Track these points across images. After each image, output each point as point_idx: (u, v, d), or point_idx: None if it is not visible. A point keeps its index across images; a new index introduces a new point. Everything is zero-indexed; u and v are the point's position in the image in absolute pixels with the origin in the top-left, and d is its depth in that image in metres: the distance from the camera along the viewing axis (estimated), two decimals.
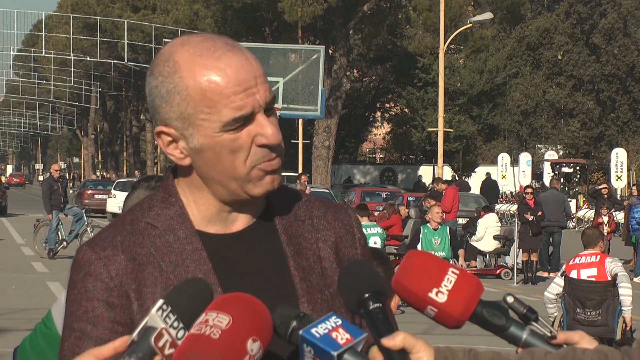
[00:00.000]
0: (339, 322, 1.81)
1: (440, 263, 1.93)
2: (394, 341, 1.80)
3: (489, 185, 38.87)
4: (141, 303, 1.98)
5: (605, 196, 26.70)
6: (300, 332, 1.80)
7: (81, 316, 1.98)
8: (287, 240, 2.07)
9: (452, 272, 1.91)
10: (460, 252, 18.31)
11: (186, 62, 1.97)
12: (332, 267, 2.09)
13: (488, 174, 42.00)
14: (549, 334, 1.95)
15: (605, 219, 25.25)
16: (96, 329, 1.97)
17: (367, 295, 1.84)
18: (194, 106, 1.97)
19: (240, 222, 2.07)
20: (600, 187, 26.31)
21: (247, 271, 2.04)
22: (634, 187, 28.20)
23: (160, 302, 1.78)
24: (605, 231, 24.50)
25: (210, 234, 2.05)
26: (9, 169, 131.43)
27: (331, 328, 1.79)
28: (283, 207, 2.11)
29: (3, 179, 66.02)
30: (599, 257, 10.82)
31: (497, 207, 39.43)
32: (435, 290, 1.89)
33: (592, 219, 38.92)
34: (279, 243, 2.07)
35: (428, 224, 18.22)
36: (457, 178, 43.78)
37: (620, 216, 36.73)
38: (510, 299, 1.94)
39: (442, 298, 1.88)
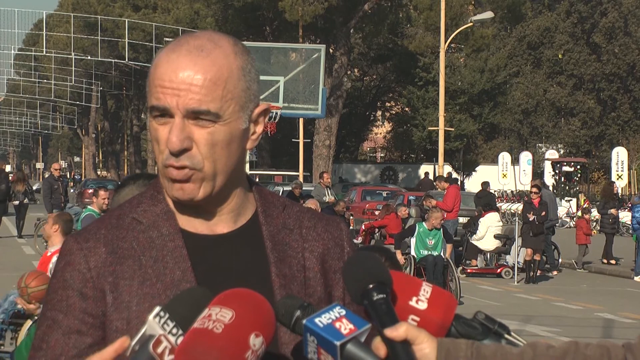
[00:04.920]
0: (343, 312, 1.82)
1: (413, 278, 1.98)
2: (397, 332, 1.81)
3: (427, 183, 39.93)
4: (117, 295, 2.00)
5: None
6: (304, 321, 1.81)
7: (55, 305, 2.01)
8: (271, 246, 2.09)
9: (426, 285, 1.96)
10: (449, 246, 18.18)
11: (163, 49, 2.07)
12: (315, 277, 2.10)
13: (427, 174, 43.57)
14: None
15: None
16: (67, 318, 1.99)
17: (371, 286, 1.85)
18: (148, 85, 2.07)
19: (223, 224, 2.09)
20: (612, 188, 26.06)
21: (227, 273, 2.05)
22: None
23: (157, 309, 1.79)
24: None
25: (194, 234, 2.07)
26: (7, 168, 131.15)
27: (335, 318, 1.80)
28: (272, 215, 2.13)
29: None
30: None
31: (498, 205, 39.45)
32: (415, 298, 1.92)
33: (592, 218, 38.95)
34: (263, 249, 2.09)
35: (424, 223, 18.11)
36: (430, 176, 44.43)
37: (621, 215, 36.73)
38: (481, 316, 1.98)
39: (422, 305, 1.91)
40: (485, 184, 27.77)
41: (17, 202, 28.49)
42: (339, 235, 2.17)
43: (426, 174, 45.59)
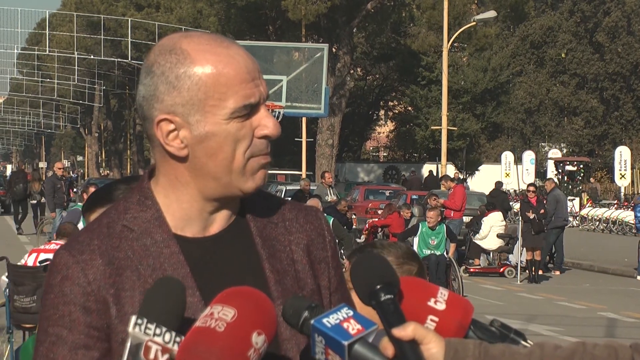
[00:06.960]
0: (351, 312, 1.83)
1: (430, 284, 2.00)
2: (404, 332, 1.80)
3: (415, 180, 40.53)
4: (120, 307, 1.97)
5: None
6: (312, 321, 1.82)
7: (57, 320, 1.97)
8: (261, 242, 2.08)
9: (443, 289, 1.97)
10: (452, 245, 18.17)
11: (195, 50, 2.00)
12: (304, 270, 2.10)
13: (413, 172, 44.75)
14: None
15: None
16: (72, 334, 1.96)
17: (378, 286, 1.85)
18: (205, 91, 1.98)
19: (216, 224, 2.08)
20: None
21: (224, 274, 2.04)
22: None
23: (134, 318, 1.78)
24: None
25: (186, 238, 2.05)
26: (9, 168, 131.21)
27: (342, 318, 1.81)
28: (256, 209, 2.12)
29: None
30: None
31: None
32: (433, 299, 1.93)
33: (595, 217, 38.96)
34: (254, 245, 2.08)
35: (427, 222, 18.15)
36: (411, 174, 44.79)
37: (623, 214, 36.73)
38: (497, 323, 1.99)
39: (441, 306, 1.93)
40: (499, 184, 27.78)
41: (34, 201, 28.75)
42: (319, 225, 2.17)
43: (412, 172, 45.97)
